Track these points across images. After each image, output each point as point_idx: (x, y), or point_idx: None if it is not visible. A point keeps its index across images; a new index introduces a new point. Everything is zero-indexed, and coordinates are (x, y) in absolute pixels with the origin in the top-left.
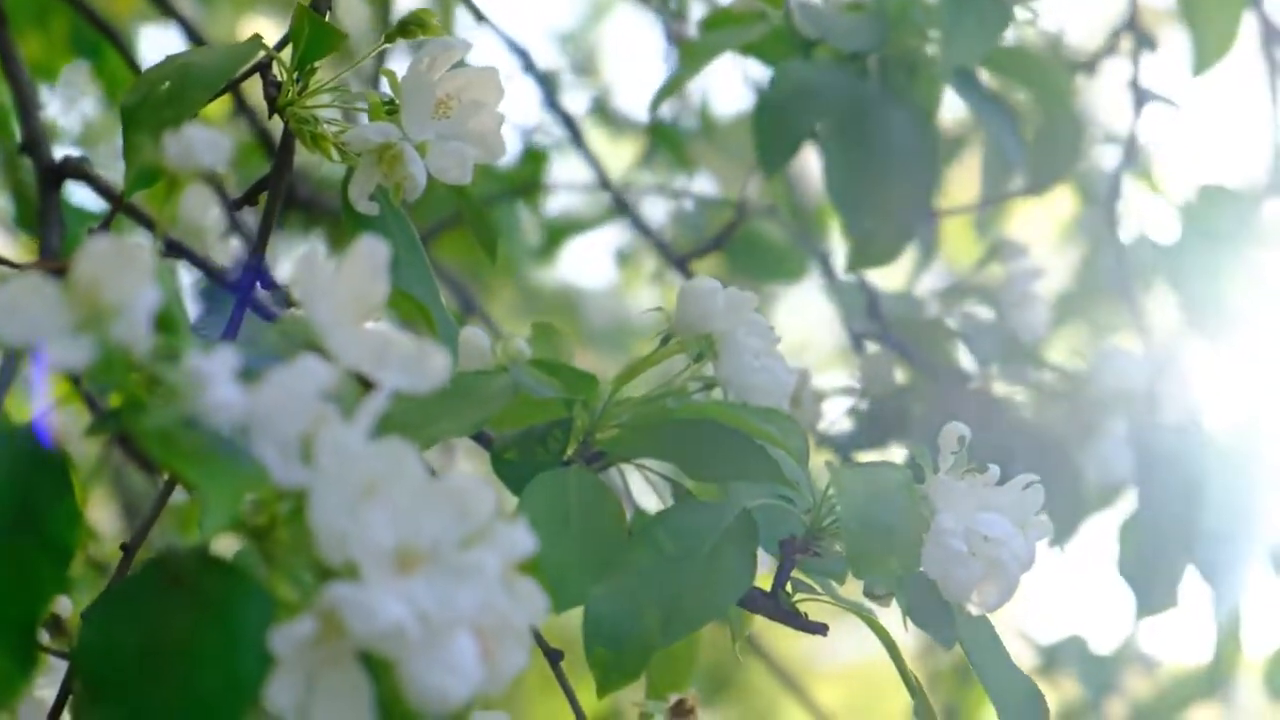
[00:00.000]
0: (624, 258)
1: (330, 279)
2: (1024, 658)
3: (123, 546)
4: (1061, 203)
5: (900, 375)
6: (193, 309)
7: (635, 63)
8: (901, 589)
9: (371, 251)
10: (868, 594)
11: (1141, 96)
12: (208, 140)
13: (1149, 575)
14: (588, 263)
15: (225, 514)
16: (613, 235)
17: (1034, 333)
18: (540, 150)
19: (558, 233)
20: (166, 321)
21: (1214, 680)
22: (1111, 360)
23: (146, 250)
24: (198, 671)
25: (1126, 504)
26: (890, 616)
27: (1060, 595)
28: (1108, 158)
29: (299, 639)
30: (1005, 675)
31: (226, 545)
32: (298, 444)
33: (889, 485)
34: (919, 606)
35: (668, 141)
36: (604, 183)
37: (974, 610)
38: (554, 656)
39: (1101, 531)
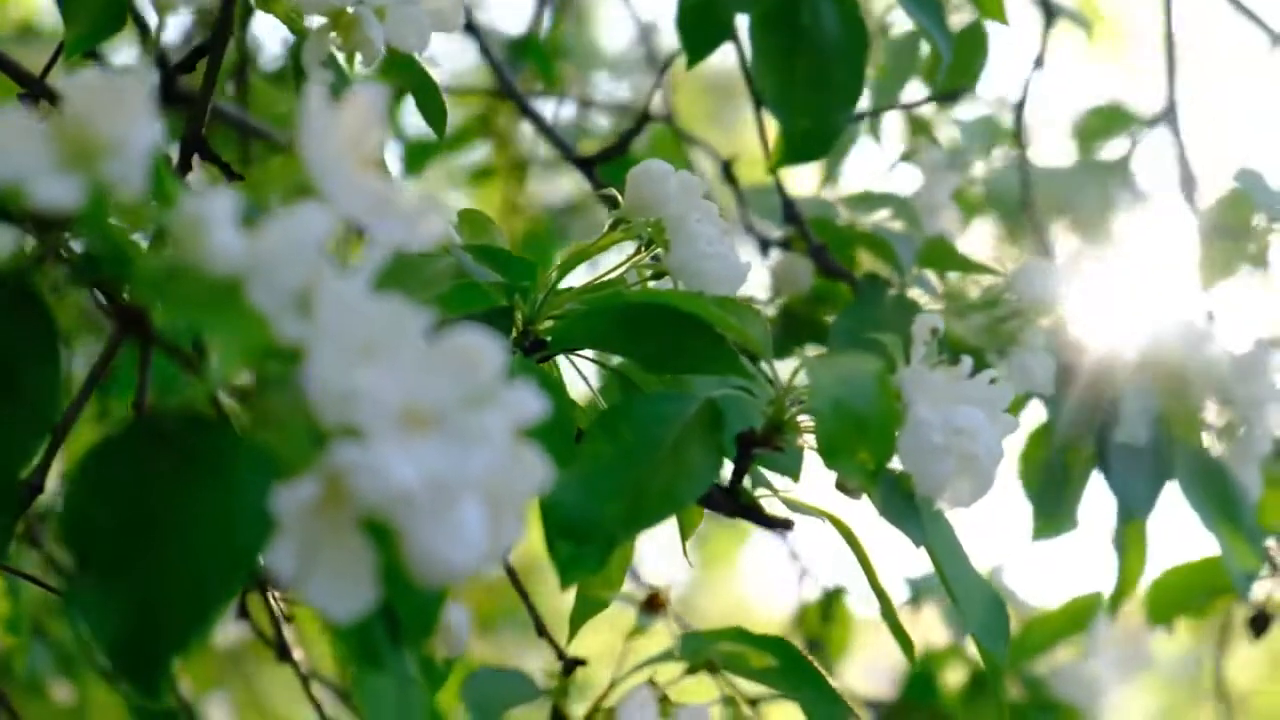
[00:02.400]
0: (483, 174)
1: (329, 124)
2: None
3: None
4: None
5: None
6: None
7: None
8: (874, 483)
9: (370, 98)
10: (839, 488)
11: (1051, 11)
12: None
13: (1053, 493)
14: None
15: (237, 363)
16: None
17: (948, 238)
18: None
19: (419, 152)
20: (153, 165)
21: (1088, 617)
22: (1031, 271)
23: (143, 83)
24: (193, 537)
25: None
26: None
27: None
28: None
29: (301, 503)
30: (968, 580)
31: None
32: (294, 297)
33: (861, 374)
34: (887, 504)
35: (534, 55)
36: (505, 85)
37: (946, 506)
38: None
39: None
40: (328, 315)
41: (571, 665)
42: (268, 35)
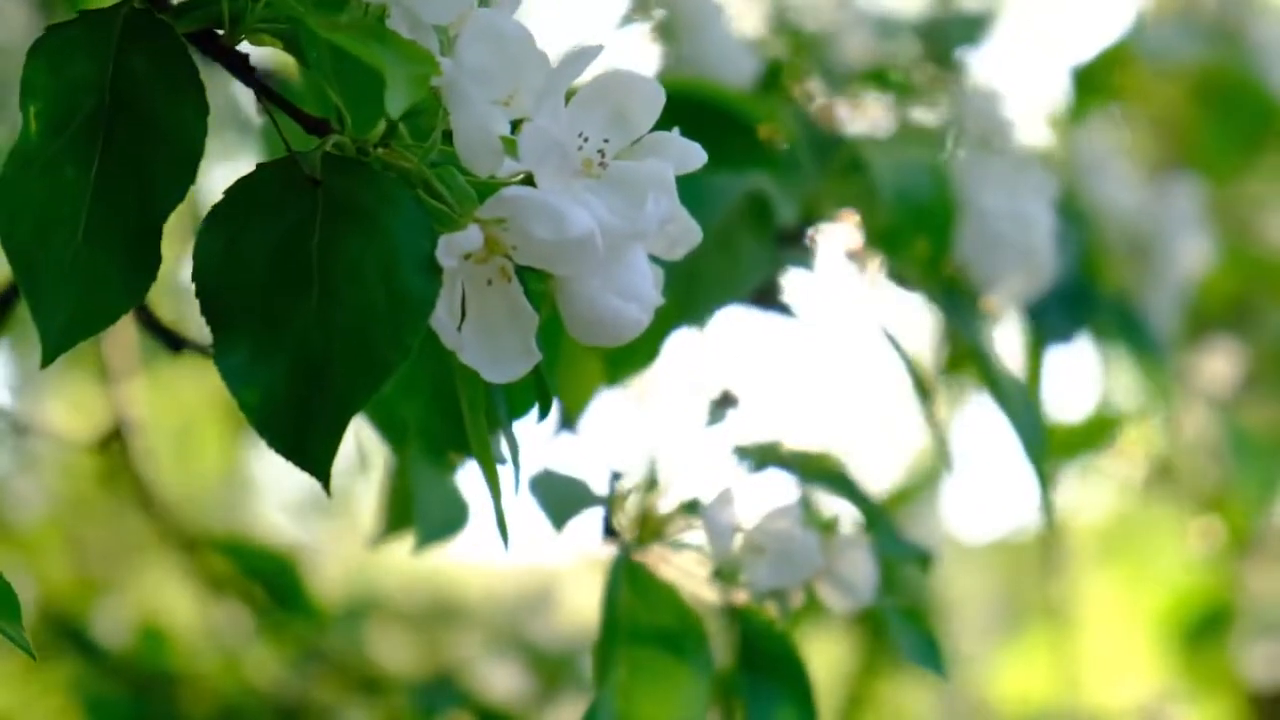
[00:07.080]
0: None
1: None
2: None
3: None
4: None
5: None
6: None
7: None
8: (934, 274)
9: None
10: (896, 280)
11: None
12: None
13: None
14: None
15: (408, 95)
16: None
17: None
18: None
19: None
20: None
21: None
22: (977, 98)
23: None
24: (354, 288)
25: None
26: None
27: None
28: None
29: (465, 250)
30: (1009, 383)
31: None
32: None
33: (919, 162)
34: (939, 298)
35: None
36: None
37: (999, 301)
38: None
39: None
40: (474, 54)
41: (616, 475)
42: None
